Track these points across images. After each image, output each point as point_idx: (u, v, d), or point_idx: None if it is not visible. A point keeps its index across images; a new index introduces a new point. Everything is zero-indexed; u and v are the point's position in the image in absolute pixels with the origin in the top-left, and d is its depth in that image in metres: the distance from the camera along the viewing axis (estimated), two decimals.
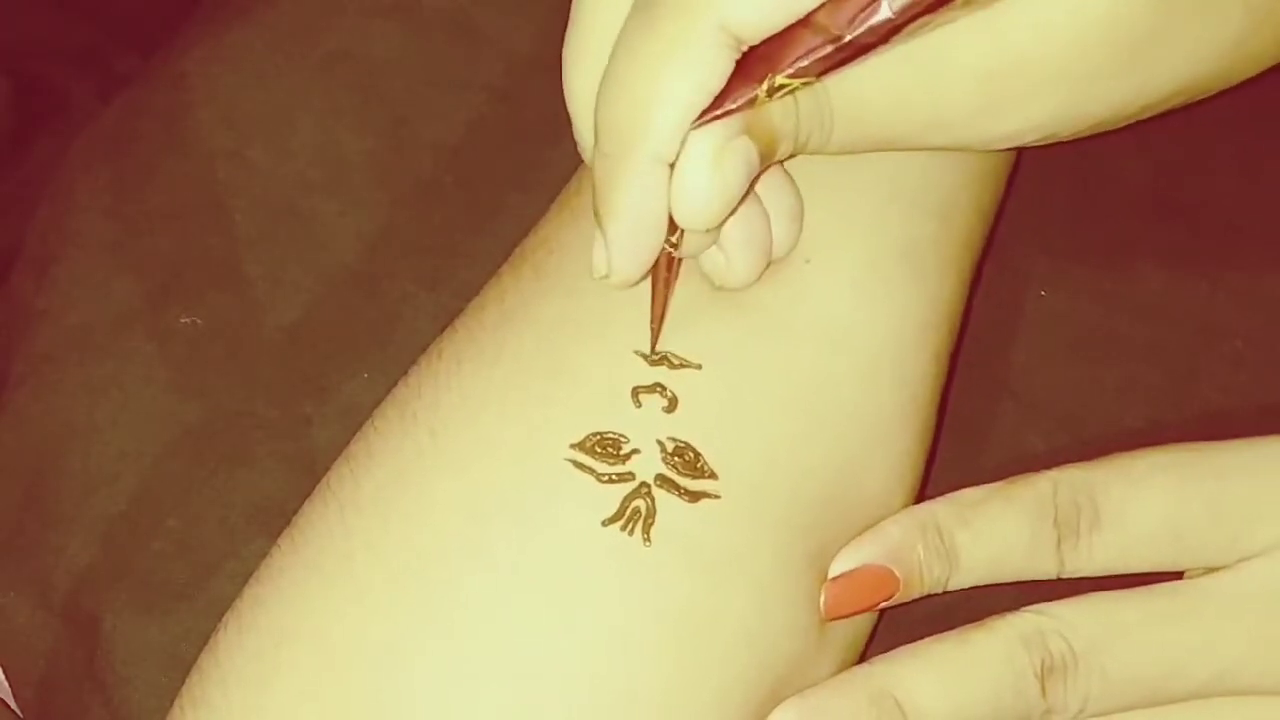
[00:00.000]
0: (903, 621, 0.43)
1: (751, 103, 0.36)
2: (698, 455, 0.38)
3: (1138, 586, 0.41)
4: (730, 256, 0.39)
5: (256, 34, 0.55)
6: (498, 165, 0.53)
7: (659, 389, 0.39)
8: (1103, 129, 0.40)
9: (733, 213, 0.37)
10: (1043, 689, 0.40)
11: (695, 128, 0.36)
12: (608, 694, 0.37)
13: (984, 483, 0.42)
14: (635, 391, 0.39)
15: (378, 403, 0.42)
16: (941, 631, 0.41)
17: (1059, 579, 0.42)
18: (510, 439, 0.38)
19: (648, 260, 0.38)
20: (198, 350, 0.50)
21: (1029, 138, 0.39)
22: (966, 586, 0.42)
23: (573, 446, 0.38)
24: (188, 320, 0.51)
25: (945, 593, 0.42)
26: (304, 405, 0.49)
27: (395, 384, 0.42)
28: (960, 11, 0.35)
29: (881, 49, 0.35)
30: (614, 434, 0.38)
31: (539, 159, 0.52)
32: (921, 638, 0.41)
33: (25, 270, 0.54)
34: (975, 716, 0.40)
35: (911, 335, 0.42)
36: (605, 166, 0.37)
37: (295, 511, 0.41)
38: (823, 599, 0.40)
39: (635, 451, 0.38)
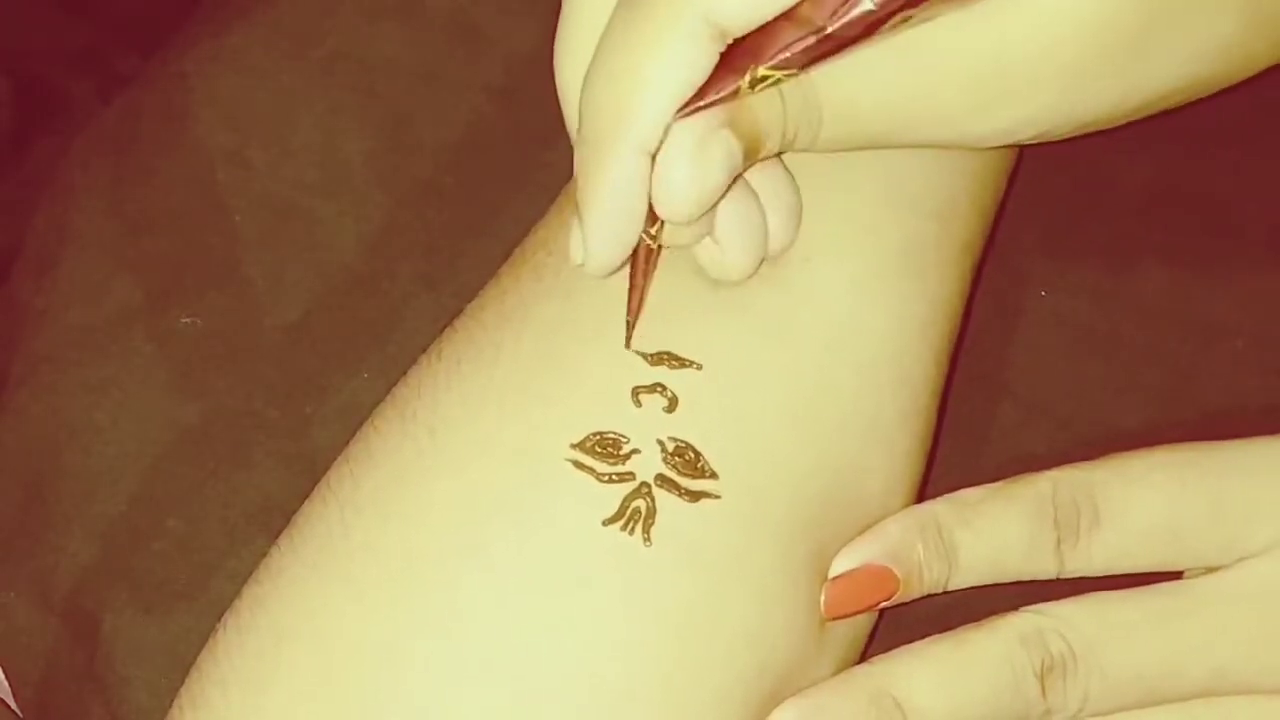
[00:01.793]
0: (903, 621, 0.43)
1: (734, 94, 0.36)
2: (698, 455, 0.38)
3: (1137, 586, 0.41)
4: (725, 248, 0.39)
5: (256, 34, 0.55)
6: (498, 165, 0.53)
7: (659, 389, 0.39)
8: (1099, 127, 0.40)
9: (714, 205, 0.37)
10: (1042, 689, 0.40)
11: (678, 119, 0.36)
12: (607, 694, 0.36)
13: (984, 483, 0.42)
14: (635, 391, 0.39)
15: (378, 403, 0.42)
16: (942, 632, 0.41)
17: (1059, 579, 0.42)
18: (510, 439, 0.38)
19: (625, 249, 0.38)
20: (198, 350, 0.50)
21: (1021, 135, 0.39)
22: (966, 586, 0.42)
23: (573, 446, 0.38)
24: (188, 320, 0.51)
25: (945, 593, 0.42)
26: (304, 405, 0.49)
27: (395, 384, 0.42)
28: (944, 7, 0.35)
29: (865, 42, 0.35)
30: (614, 434, 0.38)
31: (539, 159, 0.52)
32: (922, 638, 0.41)
33: (25, 270, 0.54)
34: (974, 716, 0.40)
35: (912, 335, 0.42)
36: (586, 154, 0.37)
37: (295, 511, 0.41)
38: (823, 599, 0.40)
39: (635, 451, 0.38)
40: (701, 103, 0.36)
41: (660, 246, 0.39)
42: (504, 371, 0.39)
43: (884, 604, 0.41)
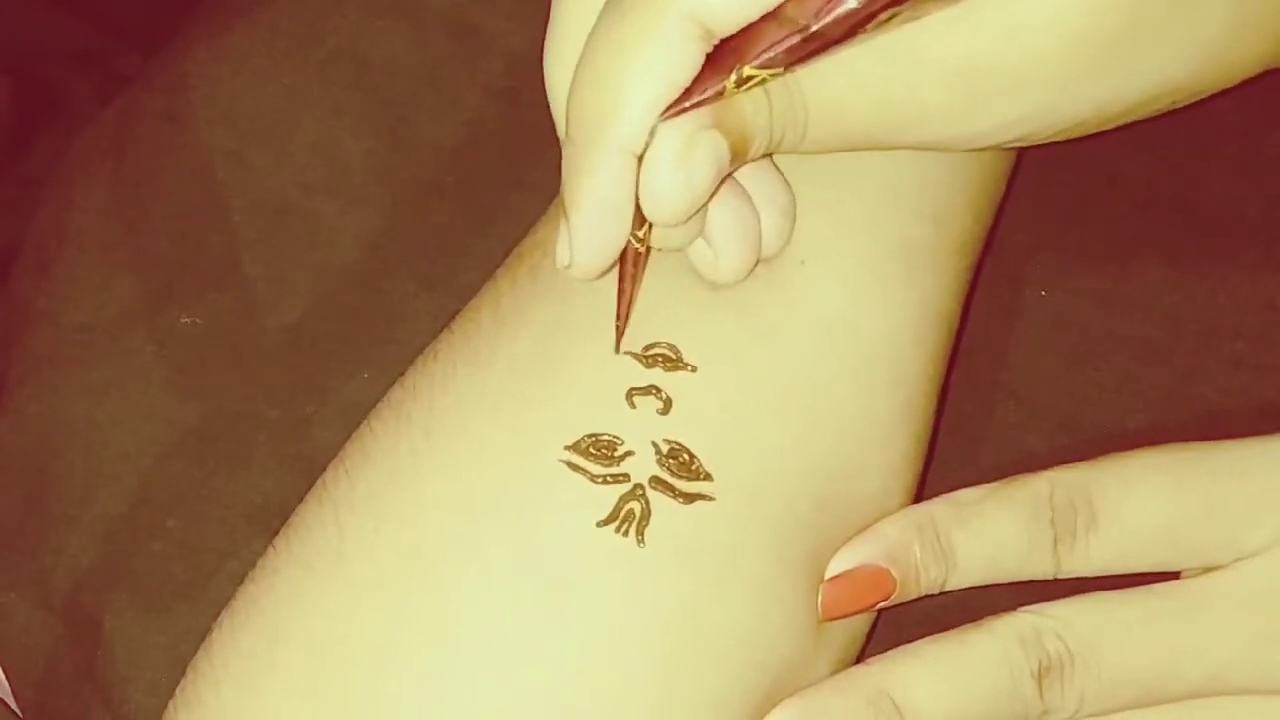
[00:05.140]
0: (901, 622, 0.43)
1: (720, 95, 0.36)
2: (692, 457, 0.38)
3: (1135, 586, 0.41)
4: (718, 251, 0.39)
5: (256, 34, 0.55)
6: (498, 165, 0.53)
7: (654, 391, 0.39)
8: (1085, 131, 0.39)
9: (703, 207, 0.37)
10: (1039, 689, 0.40)
11: (663, 120, 0.36)
12: (602, 696, 0.36)
13: (983, 483, 0.42)
14: (630, 393, 0.39)
15: (378, 403, 0.42)
16: (940, 632, 0.41)
17: (1057, 579, 0.42)
18: (504, 440, 0.38)
19: (611, 253, 0.38)
20: (198, 350, 0.50)
21: (1004, 137, 0.39)
22: (964, 587, 0.42)
23: (567, 448, 0.38)
24: (188, 320, 0.51)
25: (943, 593, 0.42)
26: (304, 405, 0.49)
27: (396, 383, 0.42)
28: (929, 6, 0.35)
29: (850, 42, 0.35)
30: (608, 435, 0.38)
31: (539, 159, 0.52)
32: (920, 638, 0.41)
33: (25, 270, 0.54)
34: (972, 716, 0.40)
35: (907, 336, 0.42)
36: (572, 155, 0.37)
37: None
38: (820, 599, 0.40)
39: (630, 453, 0.38)
40: (687, 103, 0.35)
41: (649, 249, 0.38)
42: (499, 374, 0.39)
43: (881, 605, 0.41)
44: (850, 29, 0.35)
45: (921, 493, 0.43)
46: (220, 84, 0.54)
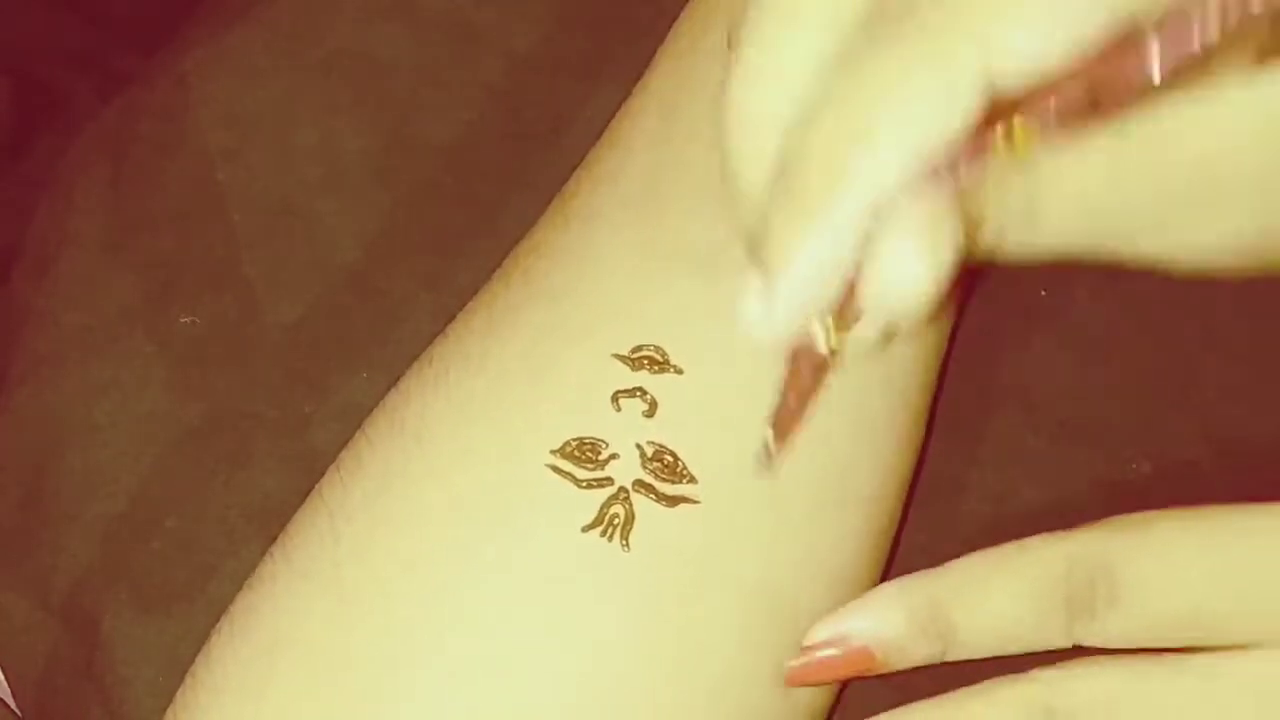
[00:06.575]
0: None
1: (981, 150, 0.30)
2: (676, 459, 0.38)
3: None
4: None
5: (256, 34, 0.55)
6: (498, 165, 0.53)
7: (639, 393, 0.39)
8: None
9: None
10: None
11: (917, 181, 0.30)
12: (593, 699, 0.37)
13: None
14: (615, 395, 0.38)
15: (377, 403, 0.42)
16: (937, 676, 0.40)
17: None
18: (493, 446, 0.38)
19: (804, 321, 0.31)
20: (198, 350, 0.50)
21: (1239, 252, 0.35)
22: (969, 659, 0.40)
23: (553, 452, 0.38)
24: (188, 320, 0.51)
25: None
26: (304, 405, 0.49)
27: (395, 384, 0.42)
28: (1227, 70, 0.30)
29: (1136, 105, 0.30)
30: (593, 439, 0.38)
31: (539, 159, 0.52)
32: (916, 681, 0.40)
33: (25, 270, 0.54)
34: None
35: (900, 334, 0.41)
36: (794, 205, 0.30)
37: (295, 512, 0.41)
38: (788, 667, 0.39)
39: (614, 456, 0.38)
40: (955, 156, 0.29)
41: (834, 357, 0.33)
42: (490, 378, 0.39)
43: (861, 676, 0.40)
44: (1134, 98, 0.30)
45: (917, 493, 0.43)
46: (220, 84, 0.54)
